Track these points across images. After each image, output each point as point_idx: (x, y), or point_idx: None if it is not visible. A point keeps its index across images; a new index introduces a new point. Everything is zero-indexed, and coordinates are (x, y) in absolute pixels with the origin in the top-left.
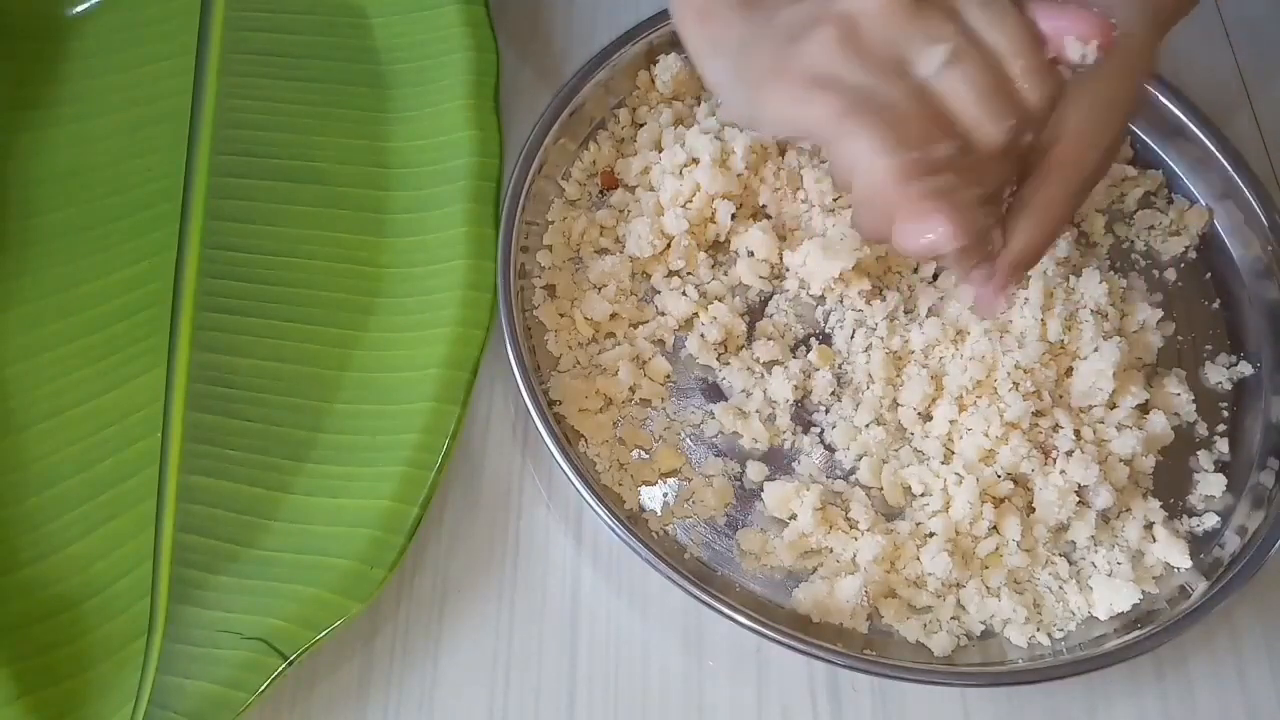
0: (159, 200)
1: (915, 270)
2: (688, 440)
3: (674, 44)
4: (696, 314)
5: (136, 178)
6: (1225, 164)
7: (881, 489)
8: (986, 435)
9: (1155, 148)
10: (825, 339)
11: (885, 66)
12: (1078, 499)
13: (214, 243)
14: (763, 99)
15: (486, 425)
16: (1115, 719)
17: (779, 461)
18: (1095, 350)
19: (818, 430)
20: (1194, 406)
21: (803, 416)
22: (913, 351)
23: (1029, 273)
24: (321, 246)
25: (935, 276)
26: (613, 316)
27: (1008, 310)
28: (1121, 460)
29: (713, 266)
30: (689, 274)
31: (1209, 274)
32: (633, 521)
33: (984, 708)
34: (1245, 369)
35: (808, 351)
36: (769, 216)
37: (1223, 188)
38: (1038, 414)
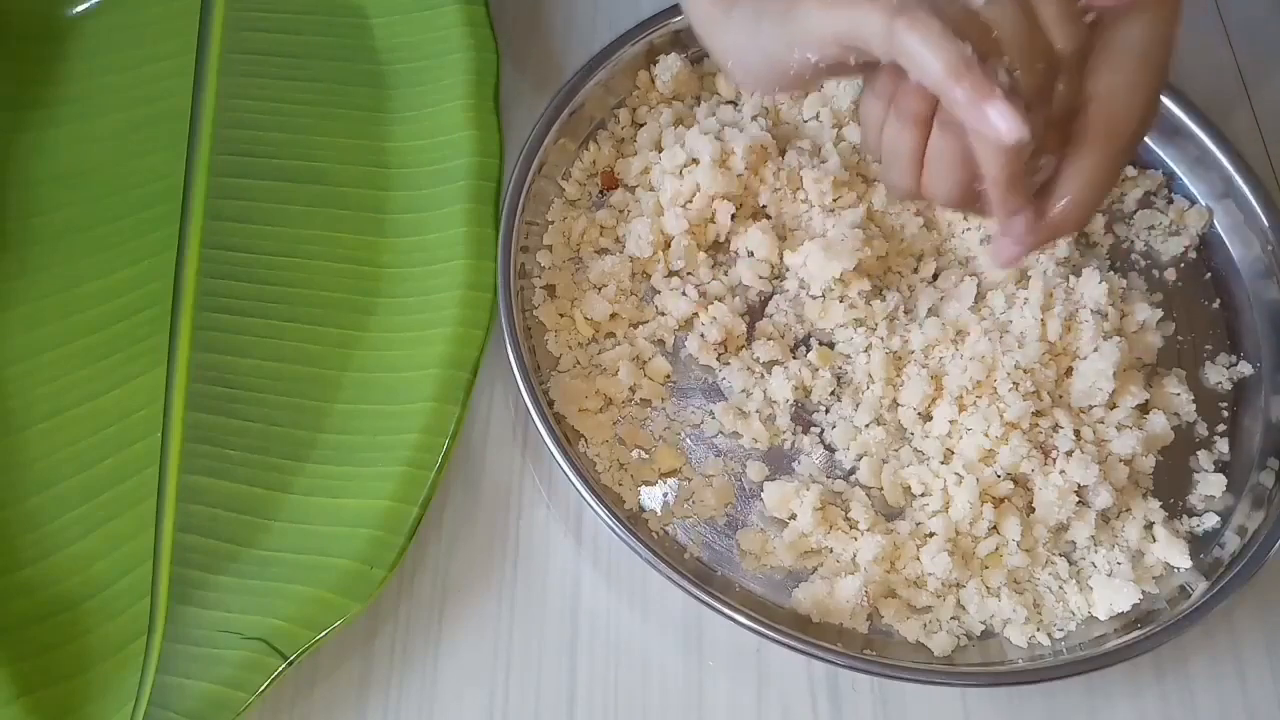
0: (159, 200)
1: (915, 270)
2: (688, 440)
3: (674, 44)
4: (696, 314)
5: (137, 178)
6: (1225, 164)
7: (881, 489)
8: (986, 435)
9: (1155, 148)
10: (825, 339)
11: None
12: (1078, 499)
13: (214, 243)
14: (802, 12)
15: (486, 425)
16: (1115, 719)
17: (779, 461)
18: (1095, 350)
19: (818, 430)
20: (1194, 406)
21: (803, 416)
22: (913, 351)
23: (1031, 271)
24: (321, 246)
25: (935, 276)
26: (613, 316)
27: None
28: (1121, 460)
29: (713, 266)
30: (689, 274)
31: (1209, 274)
32: (633, 521)
33: (984, 708)
34: (1245, 369)
35: (808, 351)
36: (769, 216)
37: (1223, 188)
38: (1038, 414)
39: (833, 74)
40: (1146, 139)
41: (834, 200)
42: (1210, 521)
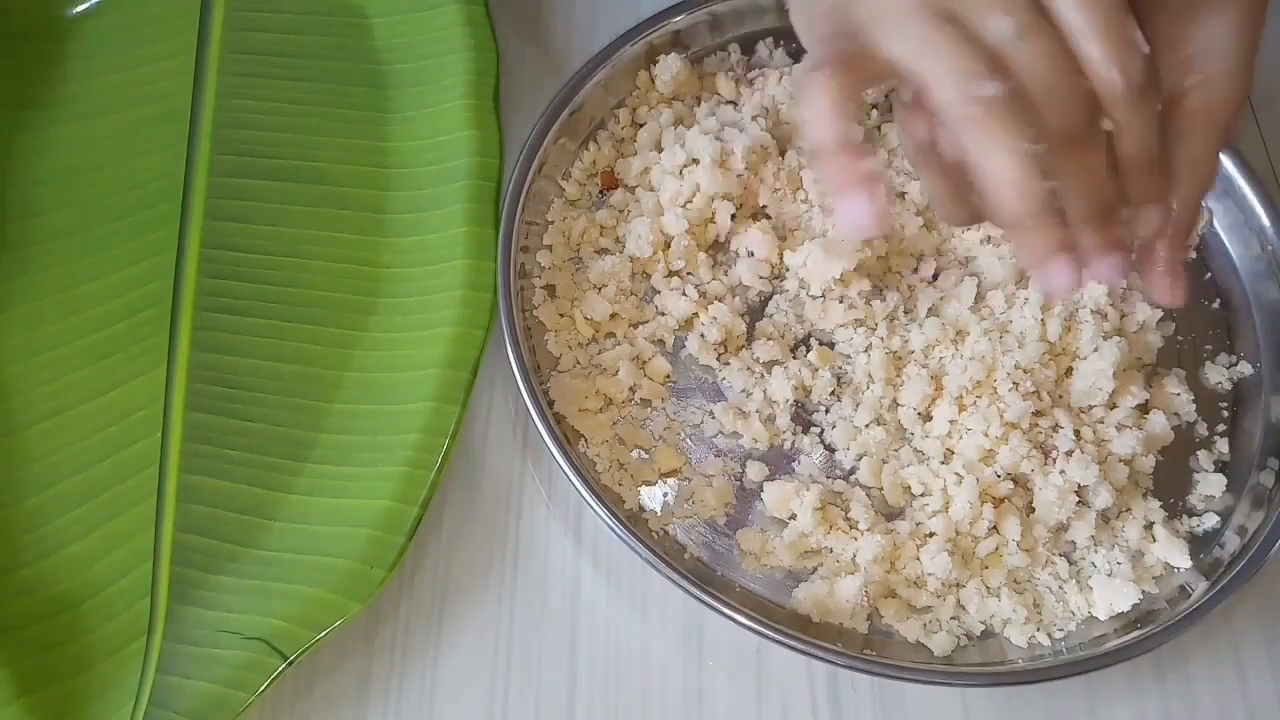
0: (159, 200)
1: (915, 270)
2: (688, 440)
3: (674, 44)
4: (696, 314)
5: (137, 178)
6: (1225, 163)
7: (881, 489)
8: (986, 435)
9: None
10: (825, 339)
11: (953, 21)
12: (1078, 499)
13: (214, 243)
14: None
15: (486, 425)
16: (1115, 719)
17: (779, 461)
18: (1095, 350)
19: (818, 430)
20: (1194, 406)
21: (803, 416)
22: (913, 351)
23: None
24: (321, 246)
25: (935, 276)
26: (613, 316)
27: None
28: (1121, 460)
29: (713, 266)
30: (689, 274)
31: (1209, 274)
32: (633, 521)
33: (984, 708)
34: (1245, 369)
35: (808, 351)
36: (769, 216)
37: (1223, 188)
38: (1038, 414)
39: None
40: None
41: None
42: (1210, 521)
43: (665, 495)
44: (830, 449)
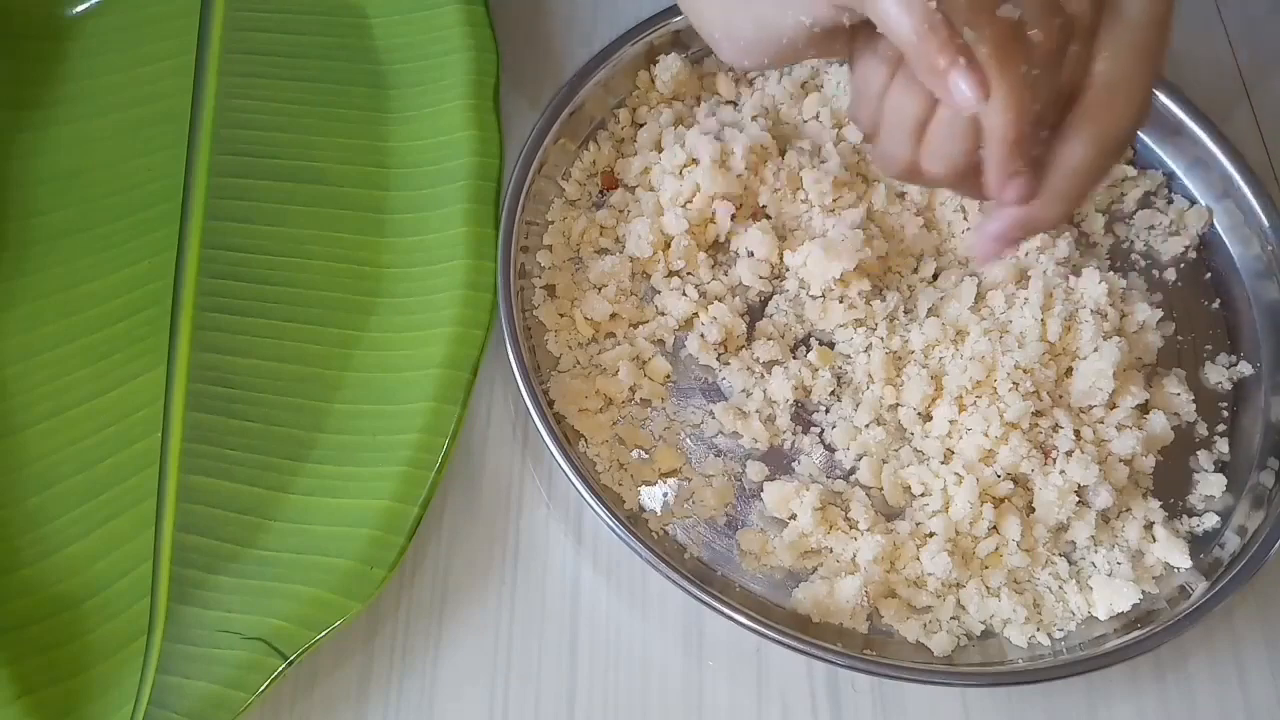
0: (159, 200)
1: (915, 270)
2: (688, 440)
3: (674, 44)
4: (696, 314)
5: (137, 178)
6: (1225, 163)
7: (881, 489)
8: (986, 435)
9: (1155, 147)
10: (825, 339)
11: None
12: (1078, 499)
13: (214, 243)
14: None
15: (486, 425)
16: (1115, 719)
17: (779, 461)
18: (1095, 350)
19: (818, 430)
20: (1194, 406)
21: (803, 416)
22: (913, 351)
23: (1031, 271)
24: (321, 246)
25: (935, 276)
26: (613, 316)
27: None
28: (1121, 460)
29: (713, 266)
30: (689, 274)
31: (1209, 274)
32: (633, 521)
33: (984, 708)
34: (1245, 369)
35: (808, 351)
36: (769, 216)
37: (1222, 187)
38: (1037, 414)
39: (824, 43)
40: (1146, 139)
41: (834, 200)
42: (1210, 521)
43: (665, 495)
44: (830, 449)
